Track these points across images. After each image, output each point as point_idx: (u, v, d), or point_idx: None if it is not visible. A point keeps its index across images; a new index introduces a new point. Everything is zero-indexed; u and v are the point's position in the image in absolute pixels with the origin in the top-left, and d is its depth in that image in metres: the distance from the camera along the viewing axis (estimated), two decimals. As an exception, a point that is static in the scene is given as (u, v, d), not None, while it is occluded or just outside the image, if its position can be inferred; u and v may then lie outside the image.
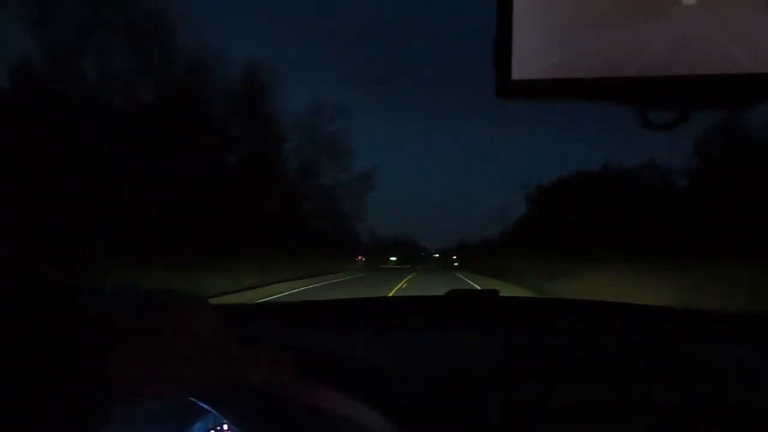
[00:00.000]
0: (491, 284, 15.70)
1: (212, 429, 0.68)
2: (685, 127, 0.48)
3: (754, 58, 0.44)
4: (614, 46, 0.47)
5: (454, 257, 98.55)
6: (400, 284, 23.32)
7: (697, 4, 0.45)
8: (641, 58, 0.47)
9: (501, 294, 1.07)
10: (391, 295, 11.61)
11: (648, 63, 0.46)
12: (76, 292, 0.41)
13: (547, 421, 0.68)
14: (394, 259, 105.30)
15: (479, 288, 1.13)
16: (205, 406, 0.53)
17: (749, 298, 10.07)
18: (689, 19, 0.45)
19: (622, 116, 0.50)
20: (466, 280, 27.34)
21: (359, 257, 65.07)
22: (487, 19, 0.50)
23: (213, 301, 0.51)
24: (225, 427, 0.68)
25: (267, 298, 12.30)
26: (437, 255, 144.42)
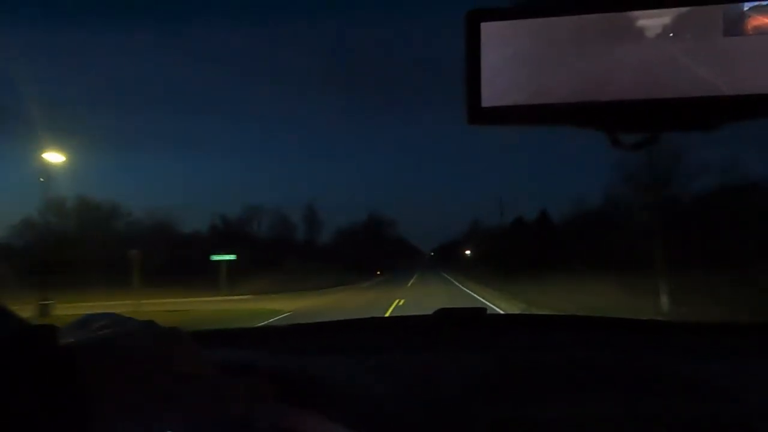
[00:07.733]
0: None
1: None
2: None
3: (715, 81, 0.45)
4: (583, 73, 0.48)
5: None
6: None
7: (660, 32, 0.47)
8: (609, 84, 0.48)
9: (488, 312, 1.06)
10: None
11: (616, 88, 0.48)
12: (54, 331, 0.41)
13: None
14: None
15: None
16: None
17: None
18: (654, 46, 0.47)
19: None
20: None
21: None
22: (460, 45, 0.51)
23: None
24: None
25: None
26: (432, 254, 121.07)
